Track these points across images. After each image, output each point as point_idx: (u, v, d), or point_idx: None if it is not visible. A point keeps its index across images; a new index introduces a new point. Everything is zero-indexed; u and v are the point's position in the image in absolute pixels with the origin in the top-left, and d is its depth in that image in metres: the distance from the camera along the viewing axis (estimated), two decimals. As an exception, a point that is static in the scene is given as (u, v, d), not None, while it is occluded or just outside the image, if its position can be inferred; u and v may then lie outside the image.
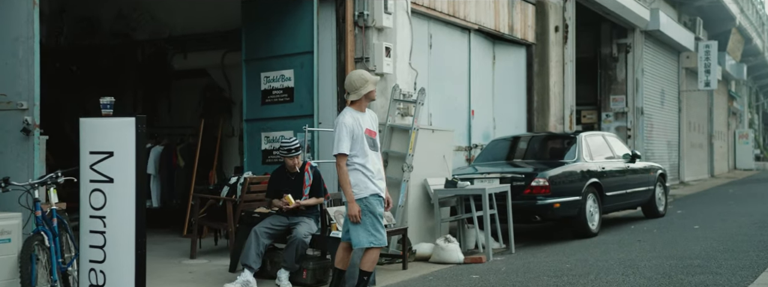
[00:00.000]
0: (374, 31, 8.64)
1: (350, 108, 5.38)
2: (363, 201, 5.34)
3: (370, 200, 5.37)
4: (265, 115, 8.57)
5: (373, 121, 5.52)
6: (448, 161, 8.82)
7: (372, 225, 5.34)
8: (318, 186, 6.68)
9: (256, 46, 8.68)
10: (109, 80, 10.47)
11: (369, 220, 5.34)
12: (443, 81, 10.57)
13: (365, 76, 5.38)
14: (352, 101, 5.38)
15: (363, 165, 5.35)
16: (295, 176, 6.64)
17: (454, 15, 10.64)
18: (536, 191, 8.83)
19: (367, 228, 5.33)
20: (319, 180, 6.68)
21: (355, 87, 5.31)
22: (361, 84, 5.32)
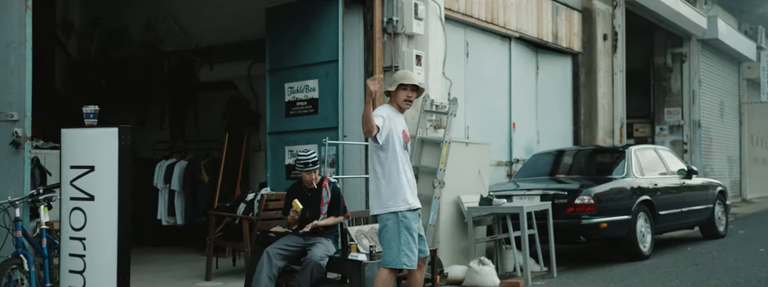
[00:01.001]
0: (404, 38, 8.13)
1: (388, 105, 4.99)
2: (398, 215, 4.83)
3: (405, 214, 4.87)
4: (289, 127, 8.12)
5: (405, 124, 5.17)
6: (483, 176, 8.21)
7: (407, 244, 4.82)
8: (337, 204, 6.16)
9: (280, 56, 8.27)
10: (136, 93, 10.21)
11: (404, 238, 4.82)
12: (481, 92, 9.97)
13: (407, 73, 5.07)
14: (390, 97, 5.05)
15: (399, 170, 4.87)
16: (312, 193, 6.14)
17: (492, 22, 10.07)
18: (581, 209, 8.13)
19: (401, 247, 4.80)
20: (338, 197, 6.16)
21: (393, 80, 5.00)
22: (400, 78, 4.99)
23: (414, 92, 4.99)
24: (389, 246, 4.83)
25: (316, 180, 6.11)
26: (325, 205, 6.13)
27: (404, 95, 4.97)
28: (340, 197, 6.19)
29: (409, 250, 4.82)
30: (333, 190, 6.16)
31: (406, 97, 4.97)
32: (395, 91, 4.97)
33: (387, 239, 4.84)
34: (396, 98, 5.00)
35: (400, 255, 4.80)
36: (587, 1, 12.51)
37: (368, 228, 6.71)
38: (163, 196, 9.31)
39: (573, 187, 8.51)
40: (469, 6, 9.55)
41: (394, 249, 4.81)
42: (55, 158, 7.75)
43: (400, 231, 4.82)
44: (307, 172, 6.02)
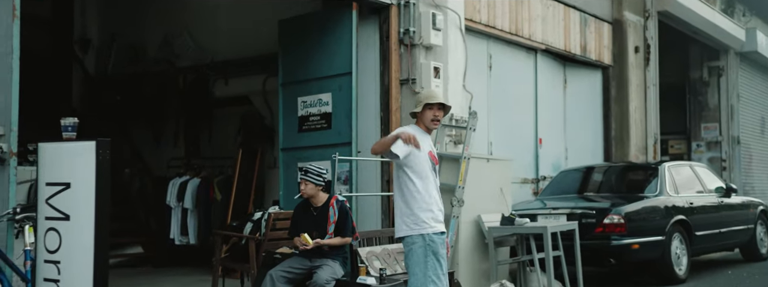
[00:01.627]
0: (421, 49, 7.79)
1: (415, 126, 4.75)
2: (424, 238, 4.49)
3: (433, 237, 4.52)
4: (302, 143, 7.80)
5: (432, 145, 4.89)
6: (506, 194, 7.78)
7: (433, 269, 4.47)
8: (344, 224, 5.79)
9: (293, 69, 7.97)
10: (152, 110, 10.01)
11: (431, 263, 4.47)
12: (505, 106, 9.56)
13: (432, 92, 4.82)
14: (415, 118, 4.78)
15: (427, 191, 4.56)
16: (318, 212, 5.79)
17: (517, 33, 9.68)
18: (610, 229, 7.65)
19: (427, 273, 4.46)
20: (345, 217, 5.80)
21: (419, 100, 4.74)
22: (425, 97, 4.73)
23: (441, 111, 4.74)
24: (414, 272, 4.50)
25: (308, 195, 5.74)
26: (332, 225, 5.77)
27: (431, 114, 4.72)
28: (349, 216, 5.82)
29: (436, 276, 4.48)
30: (340, 209, 5.80)
31: (433, 116, 4.72)
32: (421, 111, 4.72)
33: (412, 264, 4.50)
34: (423, 119, 4.74)
35: (426, 281, 4.46)
36: (618, 13, 12.05)
37: (380, 249, 6.34)
38: (176, 214, 9.05)
39: (602, 206, 8.03)
40: (492, 17, 9.18)
41: (420, 275, 4.47)
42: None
43: (426, 255, 4.48)
44: (302, 181, 5.66)
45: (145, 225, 9.87)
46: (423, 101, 4.72)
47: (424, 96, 4.79)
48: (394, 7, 7.75)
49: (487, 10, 9.08)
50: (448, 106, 4.78)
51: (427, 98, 4.74)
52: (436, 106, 4.71)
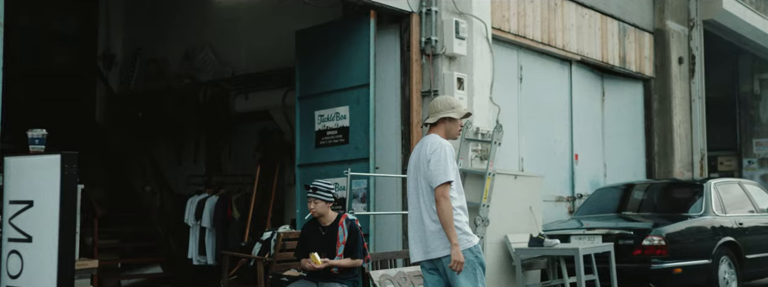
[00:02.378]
0: (444, 59, 7.37)
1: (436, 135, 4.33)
2: (473, 251, 4.20)
3: (479, 248, 4.27)
4: (320, 159, 7.43)
5: None
6: (536, 213, 7.27)
7: (482, 280, 4.23)
8: (354, 244, 5.37)
9: (310, 82, 7.64)
10: (173, 125, 9.79)
11: (480, 276, 4.21)
12: (538, 120, 9.06)
13: (451, 101, 4.43)
14: (431, 127, 4.40)
15: (463, 209, 4.29)
16: (327, 231, 5.38)
17: (549, 44, 9.19)
18: (649, 251, 7.05)
19: (477, 284, 4.20)
20: (356, 237, 5.37)
21: (436, 109, 4.35)
22: (443, 107, 4.35)
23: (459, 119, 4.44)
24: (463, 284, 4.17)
25: (317, 213, 5.34)
26: (342, 245, 5.35)
27: (456, 126, 4.43)
28: (359, 236, 5.39)
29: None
30: (350, 228, 5.37)
31: (454, 133, 4.44)
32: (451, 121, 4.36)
33: (464, 281, 4.15)
34: (451, 129, 4.38)
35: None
36: (659, 22, 11.45)
37: (395, 273, 5.90)
38: (194, 233, 8.76)
39: (641, 226, 7.44)
40: (522, 26, 8.72)
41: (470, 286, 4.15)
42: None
43: (476, 268, 4.19)
44: (311, 199, 5.27)
45: (165, 244, 9.60)
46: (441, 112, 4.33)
47: (442, 105, 4.38)
48: (415, 15, 7.37)
49: (516, 19, 8.63)
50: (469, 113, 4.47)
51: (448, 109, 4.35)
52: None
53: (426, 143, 4.33)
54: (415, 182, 4.32)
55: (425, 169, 4.22)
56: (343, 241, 5.35)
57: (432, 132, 4.41)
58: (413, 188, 4.33)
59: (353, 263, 5.37)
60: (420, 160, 4.29)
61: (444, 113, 4.35)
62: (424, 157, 4.26)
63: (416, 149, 4.42)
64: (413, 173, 4.35)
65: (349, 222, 5.41)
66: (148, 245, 9.56)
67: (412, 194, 4.36)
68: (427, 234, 4.22)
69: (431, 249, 4.21)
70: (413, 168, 4.36)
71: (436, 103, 4.45)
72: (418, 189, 4.29)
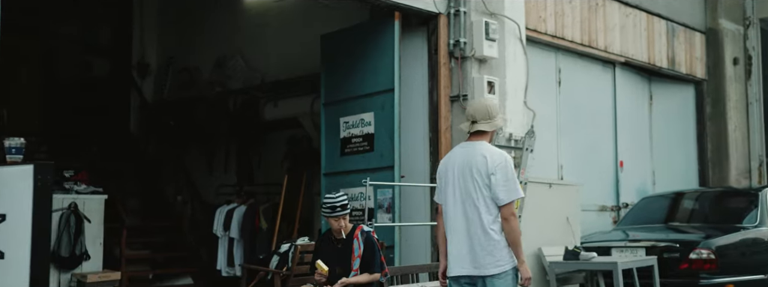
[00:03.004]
0: (474, 62, 7.02)
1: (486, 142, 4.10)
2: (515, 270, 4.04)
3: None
4: (345, 167, 7.15)
5: None
6: (573, 224, 6.84)
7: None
8: (371, 258, 5.05)
9: (335, 87, 7.39)
10: (204, 134, 9.67)
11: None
12: (578, 125, 8.61)
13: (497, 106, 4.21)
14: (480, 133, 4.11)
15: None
16: (343, 244, 5.08)
17: (590, 45, 8.73)
18: (697, 265, 6.54)
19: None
20: (372, 250, 5.05)
21: (491, 115, 4.06)
22: (495, 113, 4.09)
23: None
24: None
25: (346, 229, 5.05)
26: (357, 259, 5.05)
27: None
28: (376, 249, 5.07)
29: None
30: (366, 241, 5.06)
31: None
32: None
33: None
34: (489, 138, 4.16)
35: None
36: (712, 21, 10.83)
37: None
38: (222, 244, 8.58)
39: (688, 238, 6.94)
40: (560, 27, 8.30)
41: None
42: (96, 204, 7.26)
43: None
44: (335, 218, 4.98)
45: (196, 254, 9.46)
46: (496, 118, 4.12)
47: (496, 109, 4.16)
48: (443, 16, 7.04)
49: (554, 19, 8.22)
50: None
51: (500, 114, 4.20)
52: None
53: (481, 151, 4.03)
54: (462, 191, 4.02)
55: (484, 180, 3.95)
56: (359, 254, 5.05)
57: (480, 139, 4.12)
58: (455, 197, 4.04)
59: (371, 278, 5.06)
60: (472, 168, 4.00)
61: (498, 120, 4.11)
62: (481, 166, 3.97)
63: (461, 155, 4.11)
64: (458, 182, 4.04)
65: (365, 234, 5.10)
66: (180, 255, 9.44)
67: (454, 203, 4.06)
68: (477, 248, 3.97)
69: (482, 265, 3.95)
70: (458, 176, 4.05)
71: (489, 108, 4.13)
72: (465, 199, 4.00)
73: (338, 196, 5.00)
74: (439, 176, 4.24)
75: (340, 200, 5.00)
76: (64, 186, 7.29)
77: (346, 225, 5.06)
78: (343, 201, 4.99)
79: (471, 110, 4.18)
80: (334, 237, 5.13)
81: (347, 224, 5.06)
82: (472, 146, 4.11)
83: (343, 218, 5.01)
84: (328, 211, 4.99)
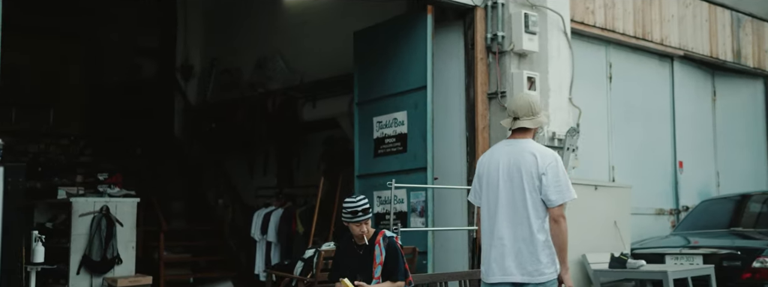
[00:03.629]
0: (513, 57, 6.62)
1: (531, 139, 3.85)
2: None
3: None
4: (378, 169, 6.86)
5: None
6: (622, 229, 6.35)
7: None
8: (394, 265, 4.72)
9: (368, 86, 7.11)
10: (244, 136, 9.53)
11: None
12: (632, 124, 8.07)
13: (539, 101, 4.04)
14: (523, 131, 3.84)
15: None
16: (364, 251, 4.77)
17: (644, 37, 8.18)
18: (762, 276, 5.97)
19: None
20: (395, 257, 4.72)
21: (535, 111, 3.79)
22: (539, 109, 3.82)
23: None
24: None
25: (368, 234, 4.74)
26: (378, 266, 4.73)
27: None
28: (399, 256, 4.73)
29: None
30: (388, 247, 4.74)
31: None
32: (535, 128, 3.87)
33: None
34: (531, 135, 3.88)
35: None
36: (782, 10, 10.07)
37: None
38: (260, 248, 8.40)
39: (752, 245, 6.36)
40: (611, 19, 7.79)
41: None
42: (128, 207, 7.17)
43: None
44: (356, 224, 4.68)
45: (236, 258, 9.32)
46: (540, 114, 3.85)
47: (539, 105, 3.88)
48: (480, 9, 6.67)
49: (603, 11, 7.72)
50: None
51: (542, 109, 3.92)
52: None
53: (530, 150, 3.76)
54: (508, 192, 3.74)
55: (535, 181, 3.68)
56: (381, 262, 4.73)
57: (524, 137, 3.84)
58: (499, 198, 3.76)
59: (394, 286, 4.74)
60: (521, 168, 3.73)
61: (542, 116, 3.84)
62: (531, 167, 3.71)
63: (506, 154, 3.82)
64: (504, 182, 3.76)
65: (387, 239, 4.78)
66: (220, 259, 9.32)
67: (497, 205, 3.77)
68: (524, 253, 3.72)
69: (529, 272, 3.73)
70: (504, 176, 3.76)
71: (532, 104, 3.85)
72: (512, 201, 3.74)
73: (359, 200, 4.70)
74: (479, 176, 3.95)
75: (361, 204, 4.69)
76: (98, 189, 7.25)
77: (368, 230, 4.75)
78: (364, 206, 4.69)
79: (513, 106, 3.89)
80: (356, 243, 4.83)
81: (369, 229, 4.76)
82: (517, 143, 3.82)
83: (364, 223, 4.70)
84: (349, 216, 4.69)
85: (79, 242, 6.71)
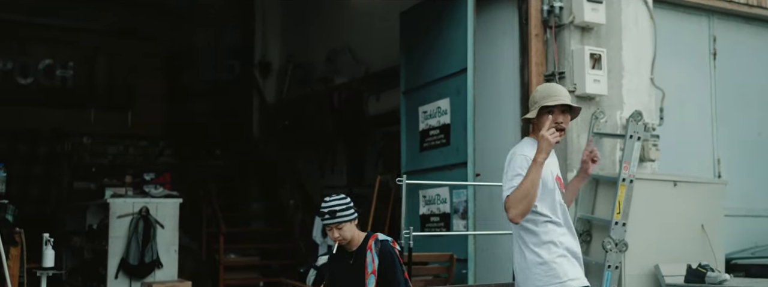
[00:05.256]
0: (574, 31, 5.66)
1: (531, 138, 3.20)
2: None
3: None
4: (424, 165, 6.10)
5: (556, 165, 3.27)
6: (712, 233, 5.19)
7: None
8: (391, 274, 3.97)
9: (414, 72, 6.37)
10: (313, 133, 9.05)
11: None
12: (743, 108, 6.77)
13: (551, 88, 3.19)
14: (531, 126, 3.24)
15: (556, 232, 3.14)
16: (354, 259, 4.07)
17: (760, 5, 6.84)
18: None
19: None
20: (392, 264, 3.96)
21: (534, 100, 3.20)
22: (542, 96, 3.15)
23: (566, 115, 3.15)
24: None
25: (354, 241, 4.04)
26: (371, 276, 4.00)
27: (550, 121, 3.10)
28: (395, 262, 3.97)
29: None
30: (381, 253, 3.99)
31: (556, 125, 3.09)
32: (538, 117, 3.14)
33: None
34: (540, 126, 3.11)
35: None
36: None
37: None
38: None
39: None
40: (712, -17, 6.56)
41: None
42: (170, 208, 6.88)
43: None
44: (331, 228, 4.00)
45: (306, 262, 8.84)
46: (538, 102, 3.12)
47: (539, 95, 3.17)
48: (535, -23, 5.74)
49: (703, -27, 6.51)
50: (575, 108, 3.16)
51: (546, 97, 3.12)
52: (560, 109, 3.10)
53: None
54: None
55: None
56: (373, 270, 4.00)
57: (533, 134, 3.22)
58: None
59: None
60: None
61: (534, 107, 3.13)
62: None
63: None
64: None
65: (380, 243, 4.04)
66: (292, 263, 8.88)
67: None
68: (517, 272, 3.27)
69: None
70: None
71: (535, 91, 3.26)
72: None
73: (332, 200, 4.01)
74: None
75: (332, 205, 4.00)
76: (144, 190, 7.02)
77: (354, 236, 4.04)
78: (336, 207, 3.98)
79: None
80: (347, 251, 4.13)
81: (354, 235, 4.04)
82: None
83: (335, 227, 4.00)
84: (327, 217, 4.03)
85: (117, 245, 6.48)
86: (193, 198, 9.04)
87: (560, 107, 3.10)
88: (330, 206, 3.94)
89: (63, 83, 9.41)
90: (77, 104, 9.29)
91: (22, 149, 8.97)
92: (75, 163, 9.08)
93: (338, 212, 3.95)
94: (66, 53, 9.41)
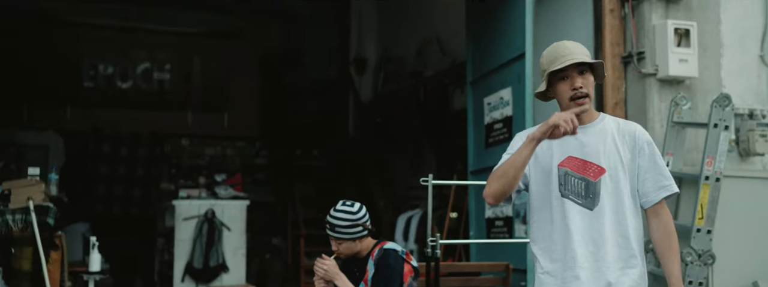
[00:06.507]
0: (656, 3, 4.81)
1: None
2: None
3: None
4: (489, 162, 5.41)
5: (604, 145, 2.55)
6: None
7: None
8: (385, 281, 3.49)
9: (480, 60, 5.75)
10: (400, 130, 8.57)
11: None
12: None
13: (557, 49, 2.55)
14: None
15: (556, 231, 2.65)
16: (358, 268, 3.63)
17: None
18: None
19: None
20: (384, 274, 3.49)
21: (542, 69, 2.62)
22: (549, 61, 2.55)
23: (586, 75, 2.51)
24: None
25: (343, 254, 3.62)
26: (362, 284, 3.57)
27: (566, 88, 2.52)
28: (390, 274, 3.47)
29: None
30: (379, 262, 3.54)
31: (571, 92, 2.51)
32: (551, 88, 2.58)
33: None
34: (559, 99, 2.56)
35: None
36: None
37: None
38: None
39: None
40: None
41: None
42: (237, 210, 6.70)
43: None
44: (331, 240, 3.58)
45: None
46: (546, 70, 2.54)
47: (545, 59, 2.57)
48: (610, -57, 4.95)
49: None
50: (597, 62, 2.53)
51: (552, 62, 2.51)
52: (576, 70, 2.49)
53: None
54: None
55: None
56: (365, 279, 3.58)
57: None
58: None
59: (380, 305, 3.50)
60: None
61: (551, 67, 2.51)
62: None
63: None
64: None
65: (382, 252, 3.57)
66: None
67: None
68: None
69: None
70: None
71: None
72: None
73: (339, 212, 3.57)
74: None
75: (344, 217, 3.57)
76: (215, 191, 6.89)
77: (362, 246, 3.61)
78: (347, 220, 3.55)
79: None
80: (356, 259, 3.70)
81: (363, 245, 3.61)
82: None
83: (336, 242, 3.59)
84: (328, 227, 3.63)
85: (182, 247, 6.40)
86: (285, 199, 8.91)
87: (575, 68, 2.47)
88: (335, 219, 3.52)
89: (160, 85, 9.58)
90: (175, 106, 9.42)
91: (123, 152, 9.22)
92: (175, 164, 9.22)
93: (338, 227, 3.55)
94: (163, 57, 9.59)
